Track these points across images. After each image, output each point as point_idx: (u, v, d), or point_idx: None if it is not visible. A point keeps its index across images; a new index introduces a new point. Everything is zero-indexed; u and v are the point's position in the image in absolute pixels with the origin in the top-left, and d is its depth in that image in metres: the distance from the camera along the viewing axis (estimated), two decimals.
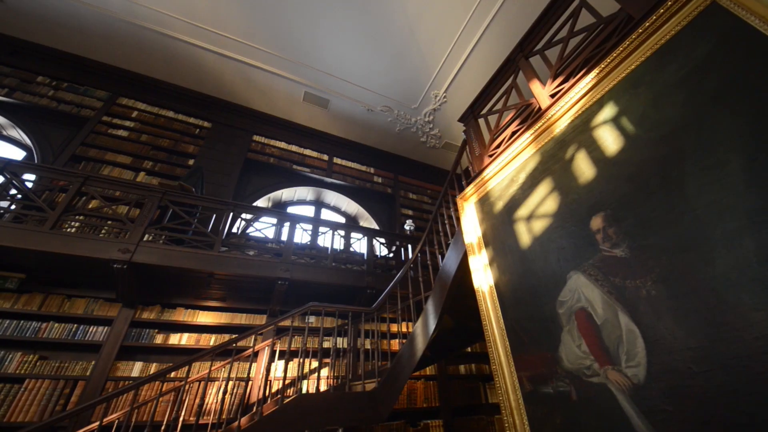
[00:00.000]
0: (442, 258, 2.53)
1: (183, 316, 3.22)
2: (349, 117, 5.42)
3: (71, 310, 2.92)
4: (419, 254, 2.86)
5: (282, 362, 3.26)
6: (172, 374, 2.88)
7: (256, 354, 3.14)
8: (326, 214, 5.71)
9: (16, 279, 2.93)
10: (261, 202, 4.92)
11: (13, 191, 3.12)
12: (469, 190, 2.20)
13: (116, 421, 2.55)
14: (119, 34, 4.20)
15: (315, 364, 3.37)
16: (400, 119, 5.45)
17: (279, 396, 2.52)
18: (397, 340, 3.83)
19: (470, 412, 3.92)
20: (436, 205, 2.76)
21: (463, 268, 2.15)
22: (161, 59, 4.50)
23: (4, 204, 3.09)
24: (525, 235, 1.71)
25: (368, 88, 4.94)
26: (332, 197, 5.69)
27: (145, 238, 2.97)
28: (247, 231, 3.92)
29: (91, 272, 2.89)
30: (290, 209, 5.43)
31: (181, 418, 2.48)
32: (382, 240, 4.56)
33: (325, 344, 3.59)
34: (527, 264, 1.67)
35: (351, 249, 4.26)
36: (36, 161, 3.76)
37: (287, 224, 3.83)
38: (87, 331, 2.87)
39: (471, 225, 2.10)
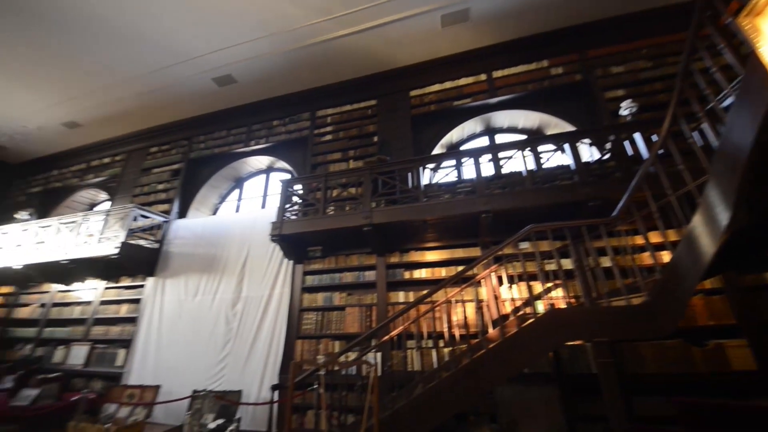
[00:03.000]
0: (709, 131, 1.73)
1: (416, 256, 4.07)
2: (496, 12, 4.49)
3: (351, 263, 4.32)
4: (667, 135, 2.09)
5: (512, 286, 3.45)
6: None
7: (483, 279, 3.48)
8: (502, 139, 5.24)
9: (318, 250, 4.59)
10: (436, 151, 5.14)
11: (294, 198, 4.80)
12: None
13: (403, 333, 3.61)
14: (293, 62, 5.28)
15: (543, 286, 3.34)
16: None
17: (522, 312, 2.70)
18: (647, 253, 3.12)
19: None
20: (685, 53, 1.85)
21: None
22: (323, 65, 5.32)
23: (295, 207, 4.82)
24: None
25: None
26: (503, 118, 5.12)
27: (372, 206, 3.87)
28: (434, 180, 4.25)
29: (352, 236, 4.05)
30: (463, 148, 5.37)
31: (430, 331, 3.16)
32: (587, 141, 3.71)
33: (552, 266, 3.48)
34: None
35: (546, 165, 3.74)
36: (296, 176, 5.58)
37: (469, 161, 3.85)
38: (365, 276, 4.18)
39: None
